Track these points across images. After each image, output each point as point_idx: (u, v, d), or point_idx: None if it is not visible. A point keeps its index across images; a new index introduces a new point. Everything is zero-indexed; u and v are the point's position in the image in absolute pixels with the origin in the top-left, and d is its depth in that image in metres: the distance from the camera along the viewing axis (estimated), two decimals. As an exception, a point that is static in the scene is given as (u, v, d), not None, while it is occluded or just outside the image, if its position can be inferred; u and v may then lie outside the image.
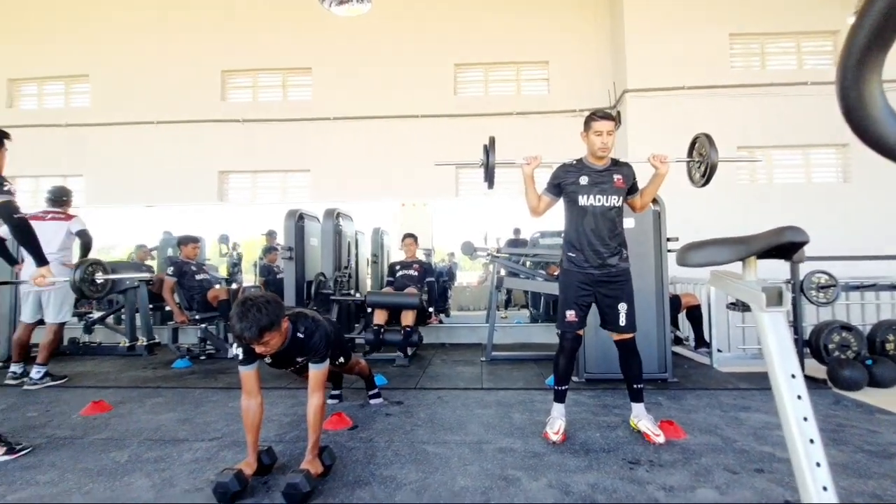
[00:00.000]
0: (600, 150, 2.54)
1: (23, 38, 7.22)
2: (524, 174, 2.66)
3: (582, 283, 2.57)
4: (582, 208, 2.56)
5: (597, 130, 2.53)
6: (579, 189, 2.57)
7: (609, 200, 2.56)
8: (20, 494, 1.96)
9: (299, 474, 1.85)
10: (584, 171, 2.59)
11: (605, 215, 2.56)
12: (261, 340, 1.92)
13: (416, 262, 5.34)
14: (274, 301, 1.97)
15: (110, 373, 4.31)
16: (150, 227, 6.79)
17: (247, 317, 1.87)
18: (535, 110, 6.92)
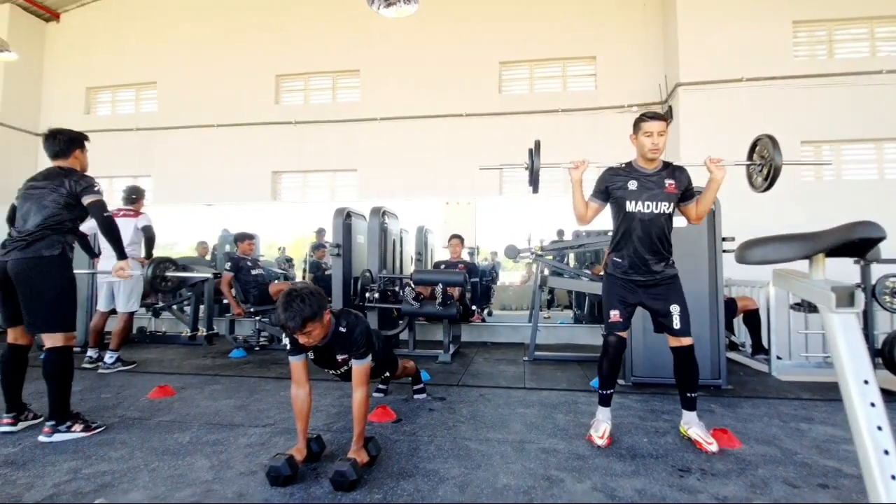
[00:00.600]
0: (651, 152, 2.42)
1: (99, 50, 7.85)
2: (572, 179, 2.57)
3: (626, 288, 2.50)
4: (630, 214, 2.46)
5: (647, 131, 2.42)
6: (627, 194, 2.46)
7: (659, 207, 2.44)
8: (95, 468, 2.15)
9: (346, 463, 1.91)
10: (633, 176, 2.48)
11: (654, 222, 2.44)
12: (303, 330, 2.00)
13: (460, 262, 5.38)
14: (317, 293, 2.06)
15: (174, 360, 4.62)
16: (210, 224, 7.20)
17: (291, 307, 1.96)
18: (581, 107, 6.77)
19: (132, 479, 2.04)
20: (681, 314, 2.45)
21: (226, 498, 1.86)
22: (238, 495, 1.88)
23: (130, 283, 4.33)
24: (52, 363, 2.52)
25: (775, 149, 2.43)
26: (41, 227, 2.55)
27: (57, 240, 2.58)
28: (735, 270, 4.63)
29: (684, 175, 2.50)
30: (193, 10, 7.68)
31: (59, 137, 2.74)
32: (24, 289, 2.51)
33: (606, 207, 2.60)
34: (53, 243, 2.56)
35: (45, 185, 2.62)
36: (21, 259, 2.50)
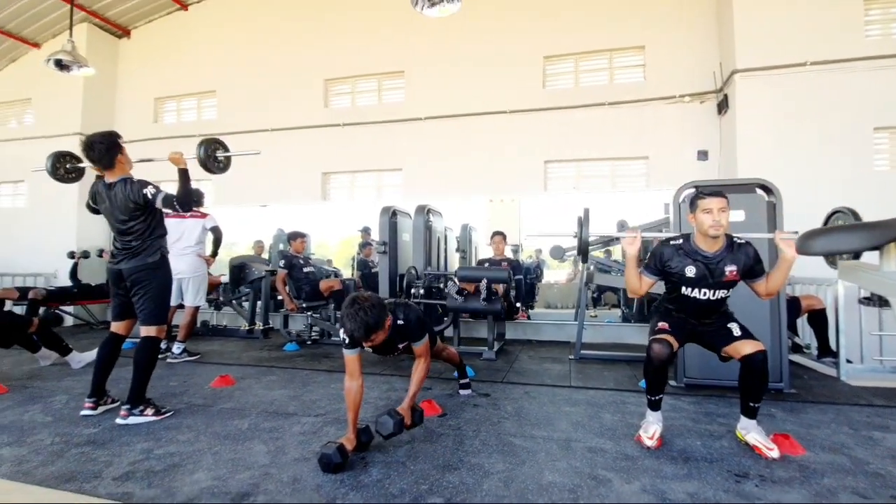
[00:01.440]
0: (712, 230, 2.27)
1: (164, 63, 8.42)
2: (626, 255, 2.50)
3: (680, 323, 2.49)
4: (685, 296, 2.41)
5: (706, 208, 2.27)
6: (685, 280, 2.37)
7: (717, 294, 2.36)
8: (165, 450, 2.33)
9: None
10: (690, 260, 2.35)
11: (711, 305, 2.40)
12: (368, 339, 2.18)
13: (504, 260, 5.36)
14: (378, 304, 2.19)
15: (233, 352, 4.91)
16: (266, 224, 7.57)
17: (356, 319, 2.12)
18: (629, 99, 6.54)
19: (197, 460, 2.20)
20: (739, 326, 2.39)
21: (281, 482, 1.97)
22: (293, 480, 1.99)
23: (198, 280, 4.66)
24: (143, 351, 2.81)
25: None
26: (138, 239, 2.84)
27: (155, 246, 2.89)
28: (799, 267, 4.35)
29: (747, 254, 2.34)
30: (248, 23, 8.07)
31: (97, 148, 2.74)
32: (138, 291, 2.84)
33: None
34: (154, 250, 2.87)
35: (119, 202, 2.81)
36: (132, 268, 2.82)
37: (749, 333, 2.35)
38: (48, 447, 2.36)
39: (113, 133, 2.85)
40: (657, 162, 6.39)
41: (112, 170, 2.85)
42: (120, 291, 2.91)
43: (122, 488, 1.93)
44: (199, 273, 4.67)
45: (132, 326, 3.00)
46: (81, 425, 2.68)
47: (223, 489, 1.91)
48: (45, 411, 2.93)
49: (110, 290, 2.95)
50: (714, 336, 2.43)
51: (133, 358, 2.81)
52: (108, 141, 2.79)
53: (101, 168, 2.86)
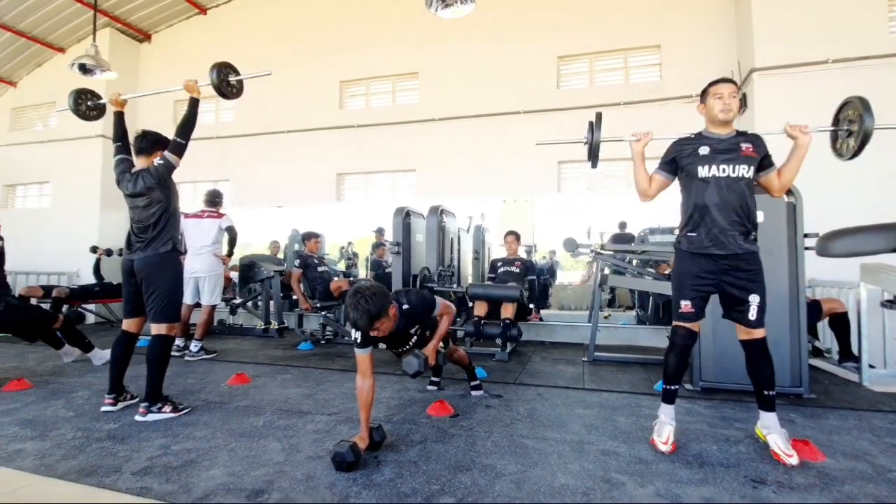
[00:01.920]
0: (722, 113, 2.23)
1: (184, 66, 8.57)
2: (633, 152, 2.47)
3: (703, 270, 2.28)
4: (703, 181, 2.26)
5: (716, 93, 2.26)
6: (698, 160, 2.27)
7: (737, 170, 2.22)
8: (182, 446, 2.37)
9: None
10: (703, 142, 2.30)
11: (733, 187, 2.21)
12: (372, 327, 2.17)
13: (517, 259, 5.35)
14: (380, 292, 2.20)
15: (249, 350, 4.98)
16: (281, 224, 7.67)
17: (358, 307, 2.12)
18: (645, 99, 6.47)
19: (213, 457, 2.23)
20: (759, 305, 2.24)
21: (295, 479, 1.99)
22: (307, 478, 2.01)
23: (214, 278, 4.75)
24: (154, 349, 2.84)
25: (866, 111, 2.19)
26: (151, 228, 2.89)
27: (167, 236, 2.91)
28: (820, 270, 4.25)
29: (761, 141, 2.30)
30: (265, 26, 8.19)
31: (147, 137, 3.03)
32: (147, 285, 2.87)
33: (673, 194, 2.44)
34: (166, 240, 2.90)
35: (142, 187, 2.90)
36: (144, 258, 2.86)
37: (759, 321, 2.25)
38: (70, 442, 2.42)
39: (167, 138, 3.08)
40: (674, 163, 6.30)
41: (146, 157, 3.00)
42: (131, 286, 2.94)
43: (140, 483, 1.97)
44: (215, 272, 4.75)
45: (143, 324, 3.03)
46: (102, 420, 2.75)
47: (238, 486, 1.94)
48: (68, 406, 3.01)
49: (123, 284, 2.99)
50: (734, 300, 2.27)
51: (146, 356, 2.85)
52: (161, 137, 3.08)
53: (140, 153, 3.01)
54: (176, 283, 2.96)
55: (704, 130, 2.37)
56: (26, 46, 8.33)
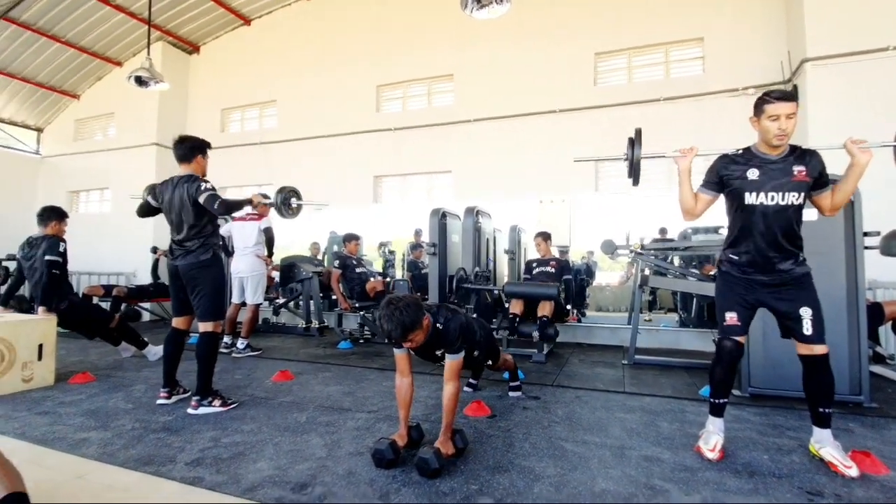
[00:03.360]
0: (776, 139, 2.10)
1: (230, 75, 8.99)
2: (679, 169, 2.36)
3: (747, 286, 2.23)
4: (749, 207, 2.17)
5: (772, 114, 2.09)
6: (747, 185, 2.16)
7: (786, 198, 2.11)
8: (231, 439, 2.48)
9: (430, 451, 2.01)
10: (753, 163, 2.18)
11: (780, 215, 2.13)
12: (406, 339, 2.16)
13: (553, 260, 5.28)
14: (414, 304, 2.17)
15: (292, 349, 5.14)
16: (321, 226, 7.88)
17: (392, 319, 2.11)
18: (687, 94, 6.25)
19: (260, 450, 2.32)
20: (813, 318, 2.13)
21: (337, 475, 2.05)
22: (348, 473, 2.06)
23: (256, 278, 4.94)
24: (202, 346, 2.99)
25: None
26: (192, 237, 3.02)
27: (208, 245, 3.05)
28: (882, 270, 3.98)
29: (816, 159, 2.15)
30: (305, 35, 8.45)
31: (185, 143, 3.10)
32: (192, 289, 3.03)
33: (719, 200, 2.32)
34: (207, 248, 3.04)
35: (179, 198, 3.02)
36: (186, 264, 3.01)
37: (818, 336, 2.13)
38: (129, 432, 2.58)
39: (205, 140, 3.21)
40: (718, 157, 6.05)
41: (187, 164, 3.11)
42: (178, 288, 3.09)
43: (193, 473, 2.08)
44: (257, 272, 4.94)
45: (191, 322, 3.19)
46: (158, 413, 2.91)
47: (283, 479, 2.01)
48: (127, 399, 3.20)
49: (170, 287, 3.13)
50: (785, 315, 2.17)
51: (195, 353, 3.00)
52: (197, 141, 3.16)
53: (180, 159, 3.12)
54: (218, 284, 3.08)
55: (755, 147, 2.23)
56: (88, 62, 8.93)
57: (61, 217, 4.14)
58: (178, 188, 3.03)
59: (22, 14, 7.50)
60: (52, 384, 3.55)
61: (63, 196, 9.67)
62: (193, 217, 3.01)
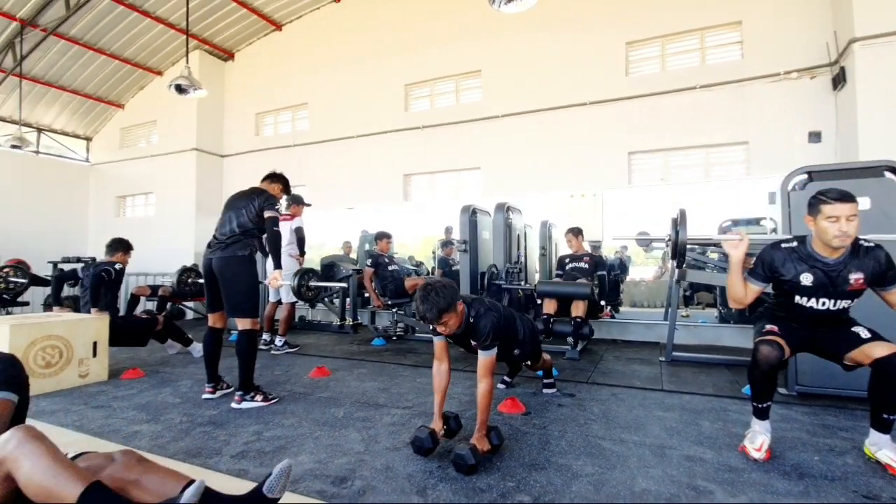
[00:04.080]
0: (837, 240, 1.99)
1: (263, 80, 9.25)
2: (731, 261, 2.24)
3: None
4: (798, 307, 2.16)
5: (831, 215, 1.97)
6: (799, 289, 2.12)
7: (839, 304, 2.10)
8: (273, 433, 2.57)
9: (466, 448, 2.02)
10: (807, 267, 2.09)
11: (831, 315, 2.14)
12: (440, 321, 2.17)
13: (585, 255, 5.20)
14: (449, 286, 2.20)
15: (327, 345, 5.27)
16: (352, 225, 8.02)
17: (427, 300, 2.13)
18: (724, 80, 6.00)
19: (301, 444, 2.40)
20: (867, 328, 2.09)
21: (375, 469, 2.09)
22: (385, 468, 2.10)
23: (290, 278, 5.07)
24: (242, 343, 3.09)
25: None
26: (235, 232, 3.13)
27: (247, 243, 3.16)
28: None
29: (876, 260, 2.04)
30: (335, 37, 8.59)
31: (276, 176, 3.53)
32: (223, 282, 3.12)
33: None
34: (245, 246, 3.14)
35: (244, 199, 3.21)
36: (221, 258, 3.10)
37: (879, 335, 2.07)
38: (177, 425, 2.70)
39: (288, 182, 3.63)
40: (759, 147, 5.80)
41: (267, 183, 3.48)
42: (211, 284, 3.18)
43: (238, 465, 2.16)
44: (290, 271, 5.07)
45: (226, 318, 3.29)
46: (203, 407, 3.04)
47: (324, 472, 2.07)
48: (174, 394, 3.36)
49: (204, 282, 3.24)
50: (835, 343, 2.15)
51: (236, 350, 3.11)
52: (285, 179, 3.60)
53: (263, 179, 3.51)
54: (252, 282, 3.16)
55: (811, 244, 2.12)
56: (131, 72, 9.36)
57: (127, 249, 4.50)
58: (249, 195, 3.23)
59: (70, 29, 7.92)
60: (105, 379, 3.76)
61: (111, 201, 10.19)
62: (247, 219, 3.15)
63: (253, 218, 3.15)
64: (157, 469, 1.48)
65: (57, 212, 9.67)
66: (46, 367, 3.42)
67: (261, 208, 3.15)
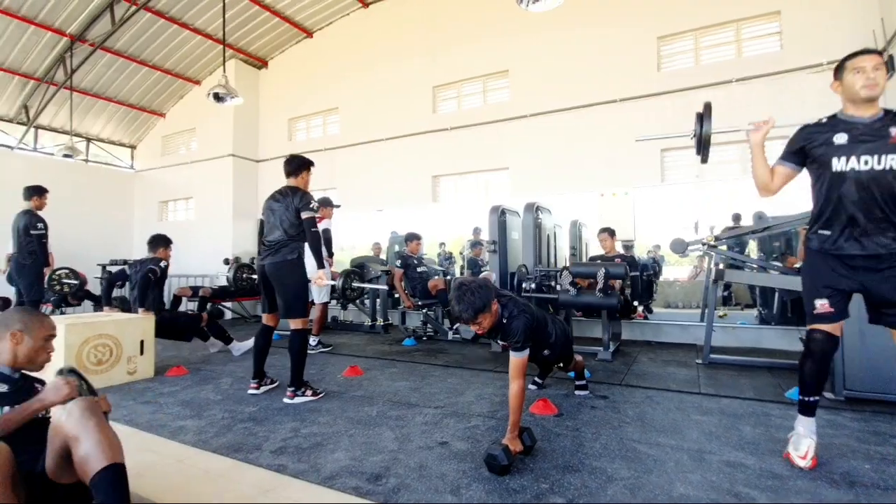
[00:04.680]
0: (865, 90, 1.88)
1: (295, 86, 9.50)
2: (751, 143, 2.18)
3: (839, 267, 1.99)
4: (838, 175, 1.94)
5: (856, 67, 1.91)
6: (832, 150, 1.94)
7: (883, 161, 1.86)
8: (309, 430, 2.64)
9: (499, 448, 2.02)
10: (840, 128, 1.96)
11: (877, 182, 1.87)
12: (475, 321, 2.17)
13: (617, 257, 5.11)
14: (485, 286, 2.20)
15: (359, 345, 5.36)
16: (381, 227, 8.13)
17: (463, 300, 2.14)
18: (762, 73, 5.78)
19: (336, 441, 2.46)
20: None
21: (409, 467, 2.12)
22: (419, 466, 2.13)
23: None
24: (294, 341, 3.24)
25: None
26: (282, 238, 3.27)
27: (294, 247, 3.28)
28: None
29: None
30: (363, 41, 8.74)
31: (294, 161, 3.45)
32: (277, 286, 3.27)
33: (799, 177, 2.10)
34: (293, 249, 3.27)
35: (280, 202, 3.32)
36: (273, 263, 3.25)
37: None
38: (220, 421, 2.81)
39: (309, 160, 3.54)
40: (801, 141, 5.55)
41: (294, 178, 3.44)
42: (266, 287, 3.35)
43: (277, 461, 2.23)
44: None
45: (278, 318, 3.44)
46: (244, 404, 3.16)
47: (359, 469, 2.12)
48: (216, 391, 3.50)
49: (259, 285, 3.41)
50: (886, 302, 1.90)
51: (288, 348, 3.25)
52: (302, 160, 3.51)
53: (288, 174, 3.46)
54: (303, 283, 3.32)
55: (840, 113, 2.02)
56: (171, 82, 9.77)
57: (167, 244, 4.75)
58: (284, 197, 3.31)
59: (115, 43, 8.34)
60: (151, 376, 3.95)
61: (154, 206, 10.66)
62: (289, 224, 3.26)
63: (294, 221, 3.27)
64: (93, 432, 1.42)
65: (105, 217, 10.19)
66: (98, 364, 3.62)
67: (297, 210, 3.25)
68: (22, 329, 1.69)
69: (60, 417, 1.43)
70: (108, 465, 1.37)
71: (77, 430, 1.39)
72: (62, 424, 1.42)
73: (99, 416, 1.45)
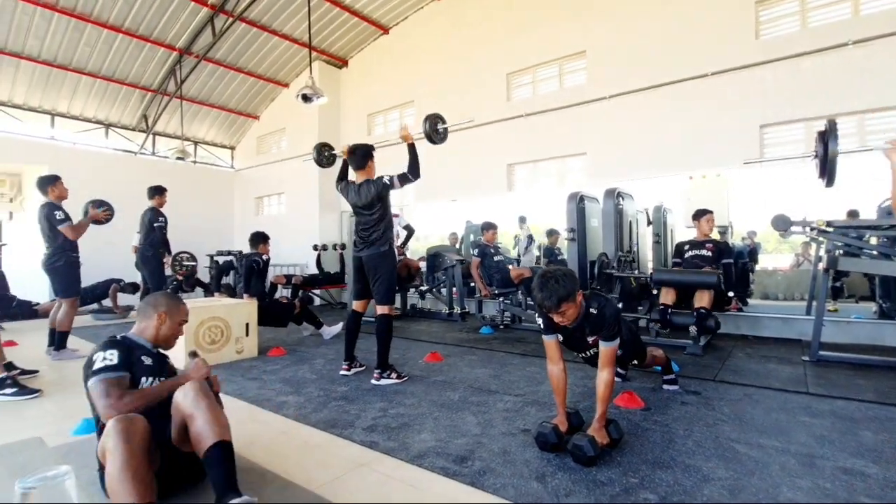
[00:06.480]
0: None
1: (373, 83, 9.86)
2: (892, 164, 1.99)
3: None
4: None
5: None
6: None
7: None
8: (396, 411, 2.79)
9: (585, 438, 2.00)
10: None
11: None
12: (559, 309, 2.14)
13: (708, 241, 4.75)
14: (570, 275, 2.17)
15: (438, 332, 5.52)
16: (456, 216, 8.25)
17: (547, 287, 2.12)
18: (885, 32, 5.00)
19: (422, 423, 2.58)
20: None
21: (493, 452, 2.18)
22: (503, 452, 2.18)
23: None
24: (380, 326, 3.44)
25: None
26: (373, 230, 3.49)
27: (386, 238, 3.50)
28: None
29: None
30: (436, 34, 8.82)
31: (357, 153, 3.57)
32: (372, 276, 3.50)
33: None
34: (385, 241, 3.49)
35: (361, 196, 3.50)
36: (368, 255, 3.49)
37: None
38: (316, 398, 3.06)
39: (370, 145, 3.66)
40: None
41: (362, 170, 3.58)
42: (360, 276, 3.58)
43: (369, 437, 2.40)
44: None
45: (367, 305, 3.67)
46: (337, 383, 3.40)
47: (445, 451, 2.21)
48: (311, 370, 3.80)
49: (353, 275, 3.64)
50: None
51: (375, 332, 3.45)
52: (366, 149, 3.62)
53: (355, 168, 3.60)
54: (393, 274, 3.51)
55: None
56: (264, 86, 10.55)
57: (265, 240, 5.25)
58: (362, 188, 3.51)
59: (215, 53, 9.15)
60: (256, 356, 4.37)
61: (252, 202, 11.64)
62: (375, 212, 3.47)
63: (377, 210, 3.47)
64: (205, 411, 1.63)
65: (210, 212, 11.30)
66: (212, 343, 4.08)
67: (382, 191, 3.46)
68: (166, 311, 1.97)
69: (178, 397, 1.67)
70: (216, 441, 1.57)
71: (192, 409, 1.62)
72: (180, 403, 1.66)
73: (210, 398, 1.67)
